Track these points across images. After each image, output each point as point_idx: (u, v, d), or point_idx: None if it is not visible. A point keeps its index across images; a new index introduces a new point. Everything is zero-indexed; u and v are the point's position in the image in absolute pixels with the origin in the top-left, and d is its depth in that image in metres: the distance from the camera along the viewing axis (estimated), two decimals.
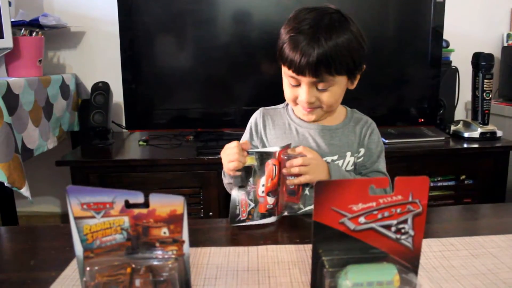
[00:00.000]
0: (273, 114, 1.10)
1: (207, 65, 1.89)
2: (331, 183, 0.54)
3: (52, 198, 2.33)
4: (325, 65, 0.90)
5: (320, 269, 0.56)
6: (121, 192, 0.55)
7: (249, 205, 0.88)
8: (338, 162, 1.03)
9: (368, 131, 1.08)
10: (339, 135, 1.05)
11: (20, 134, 1.56)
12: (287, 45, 0.93)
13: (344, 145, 1.04)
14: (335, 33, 0.91)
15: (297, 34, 0.92)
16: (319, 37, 0.90)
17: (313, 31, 0.91)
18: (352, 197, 0.54)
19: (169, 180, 1.75)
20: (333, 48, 0.90)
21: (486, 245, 0.78)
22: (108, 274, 0.55)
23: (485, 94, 1.92)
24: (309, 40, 0.90)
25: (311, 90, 0.95)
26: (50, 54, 2.21)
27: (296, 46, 0.91)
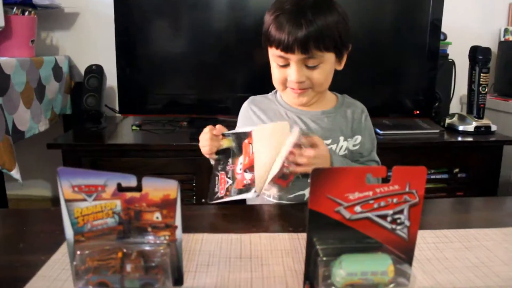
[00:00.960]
0: (262, 101, 1.09)
1: (203, 51, 1.87)
2: (328, 170, 0.53)
3: (42, 182, 2.31)
4: (314, 40, 0.90)
5: (314, 258, 0.56)
6: (114, 175, 0.53)
7: (227, 182, 0.89)
8: (331, 146, 1.03)
9: (362, 117, 1.08)
10: (331, 119, 1.05)
11: (11, 115, 1.54)
12: (273, 25, 0.93)
13: (336, 129, 1.04)
14: (321, 10, 0.92)
15: (283, 13, 0.92)
16: (306, 13, 0.90)
17: (298, 8, 0.92)
18: (348, 185, 0.53)
19: (162, 166, 1.74)
20: (321, 24, 0.90)
21: (479, 238, 0.77)
22: (99, 259, 0.54)
23: (481, 88, 1.92)
24: (295, 17, 0.90)
25: (300, 68, 0.95)
26: (43, 34, 2.17)
27: (283, 23, 0.91)
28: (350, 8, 1.82)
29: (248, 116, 1.08)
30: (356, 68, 1.89)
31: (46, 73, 1.83)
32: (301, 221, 0.83)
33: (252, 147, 0.89)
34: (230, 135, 0.93)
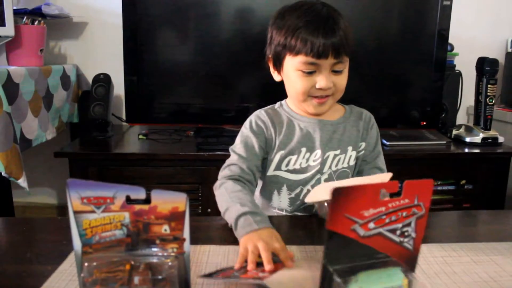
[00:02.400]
0: (274, 113, 1.07)
1: (210, 60, 1.88)
2: (348, 189, 0.52)
3: (49, 190, 2.31)
4: (344, 45, 0.93)
5: (329, 280, 0.55)
6: (123, 187, 0.53)
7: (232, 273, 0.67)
8: (340, 156, 1.02)
9: (369, 125, 1.08)
10: (340, 129, 1.04)
11: (19, 124, 1.55)
12: (297, 36, 0.93)
13: (346, 139, 1.04)
14: (338, 16, 0.96)
15: (305, 25, 0.93)
16: (332, 18, 0.94)
17: (320, 18, 0.94)
18: (364, 202, 0.53)
19: (168, 176, 1.74)
20: (345, 29, 0.94)
21: (488, 252, 0.77)
22: (107, 271, 0.54)
23: (488, 99, 1.91)
24: (324, 24, 0.93)
25: (329, 74, 0.96)
26: (52, 44, 2.19)
27: (314, 31, 0.92)
28: (357, 20, 1.86)
29: (266, 129, 1.04)
30: (363, 79, 1.90)
31: (54, 82, 1.85)
32: (308, 233, 0.83)
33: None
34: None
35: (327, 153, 1.01)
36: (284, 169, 1.02)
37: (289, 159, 1.02)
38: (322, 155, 1.01)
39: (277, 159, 1.03)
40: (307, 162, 1.01)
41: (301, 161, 1.02)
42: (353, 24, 1.00)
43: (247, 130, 1.04)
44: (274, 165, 1.03)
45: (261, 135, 1.03)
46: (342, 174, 1.03)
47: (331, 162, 1.02)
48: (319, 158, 1.01)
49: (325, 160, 1.01)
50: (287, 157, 1.02)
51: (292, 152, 1.02)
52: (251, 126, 1.04)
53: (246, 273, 0.65)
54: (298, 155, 1.01)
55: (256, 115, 1.07)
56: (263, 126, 1.04)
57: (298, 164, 1.02)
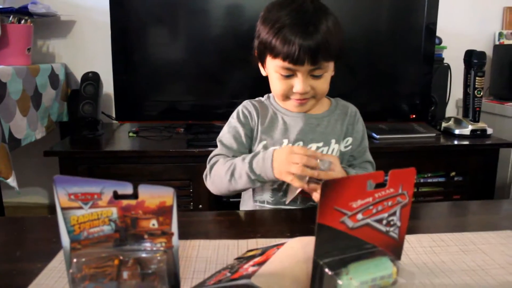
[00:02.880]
0: (260, 105, 1.09)
1: (199, 57, 1.88)
2: (336, 182, 0.52)
3: (40, 189, 2.30)
4: (322, 51, 0.92)
5: (320, 273, 0.55)
6: (110, 182, 0.53)
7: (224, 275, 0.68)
8: (323, 149, 1.03)
9: (354, 120, 1.09)
10: (324, 122, 1.05)
11: (7, 123, 1.54)
12: (278, 37, 0.92)
13: (329, 132, 1.05)
14: (323, 18, 0.93)
15: (287, 26, 0.92)
16: (312, 23, 0.91)
17: (301, 20, 0.92)
18: (352, 194, 0.53)
19: (159, 172, 1.74)
20: (327, 33, 0.92)
21: (476, 242, 0.78)
22: (95, 266, 0.54)
23: (476, 91, 1.93)
24: (302, 29, 0.91)
25: (306, 79, 0.96)
26: (40, 43, 2.17)
27: (291, 36, 0.91)
28: (345, 14, 1.86)
29: (251, 118, 1.07)
30: (352, 73, 1.90)
31: (43, 81, 1.83)
32: (298, 226, 0.84)
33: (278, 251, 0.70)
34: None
35: (310, 145, 1.03)
36: None
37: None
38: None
39: (259, 149, 1.04)
40: None
41: None
42: (341, 19, 0.99)
43: (234, 120, 1.07)
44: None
45: (247, 125, 1.06)
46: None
47: None
48: None
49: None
50: (269, 149, 1.02)
51: (274, 144, 1.03)
52: (238, 116, 1.08)
53: (238, 271, 0.64)
54: (280, 146, 1.03)
55: (243, 105, 1.10)
56: (249, 116, 1.07)
57: None
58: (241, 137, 1.04)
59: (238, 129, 1.05)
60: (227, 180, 0.97)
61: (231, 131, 1.06)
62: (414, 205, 0.59)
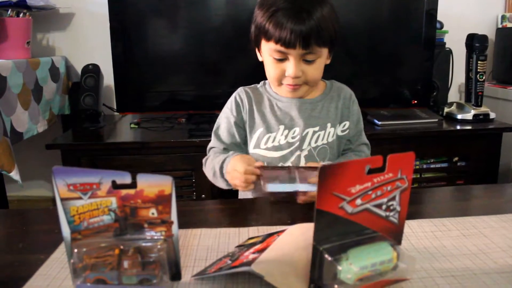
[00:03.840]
0: (254, 92, 1.10)
1: (199, 47, 1.87)
2: (334, 167, 0.52)
3: (43, 182, 2.31)
4: (315, 36, 0.92)
5: (320, 259, 0.55)
6: (108, 172, 0.54)
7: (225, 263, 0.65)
8: (319, 133, 1.04)
9: (349, 102, 1.09)
10: (319, 107, 1.06)
11: (9, 117, 1.54)
12: (271, 21, 0.94)
13: (324, 116, 1.06)
14: (317, 5, 0.94)
15: (281, 10, 0.93)
16: (305, 9, 0.92)
17: (296, 4, 0.93)
18: (351, 179, 0.53)
19: (161, 163, 1.74)
20: (320, 19, 0.92)
21: (477, 225, 0.77)
22: (96, 256, 0.54)
23: (478, 76, 1.91)
24: (296, 13, 0.91)
25: (298, 63, 0.96)
26: (39, 36, 2.17)
27: (283, 19, 0.92)
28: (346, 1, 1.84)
29: (243, 105, 1.08)
30: (353, 60, 1.89)
31: (43, 74, 1.83)
32: (298, 213, 0.84)
33: (278, 238, 0.68)
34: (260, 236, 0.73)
35: (306, 130, 1.04)
36: (263, 147, 1.05)
37: (268, 136, 1.05)
38: (301, 132, 1.04)
39: (256, 137, 1.06)
40: (285, 139, 1.04)
41: (280, 138, 1.04)
42: (342, 5, 0.99)
43: (227, 110, 1.10)
44: (253, 143, 1.06)
45: (239, 114, 1.08)
46: (322, 150, 1.05)
47: (310, 139, 1.04)
48: (297, 135, 1.04)
49: (304, 137, 1.04)
50: (266, 135, 1.05)
51: (270, 130, 1.05)
52: (231, 106, 1.10)
53: (239, 258, 0.64)
54: (276, 132, 1.04)
55: (236, 93, 1.11)
56: (241, 104, 1.08)
57: (277, 141, 1.04)
58: (232, 127, 1.07)
59: (230, 120, 1.08)
60: (212, 177, 1.03)
61: (224, 122, 1.09)
62: (416, 190, 0.59)
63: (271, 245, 0.64)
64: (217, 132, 1.09)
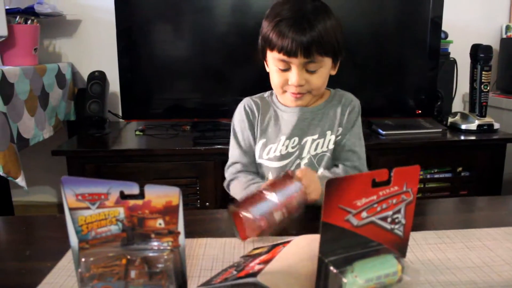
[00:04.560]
0: (261, 103, 1.12)
1: (205, 54, 1.88)
2: (340, 180, 0.52)
3: (48, 188, 2.32)
4: (316, 45, 0.94)
5: (325, 271, 0.55)
6: (116, 183, 0.54)
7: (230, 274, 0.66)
8: (318, 141, 1.06)
9: (347, 109, 1.08)
10: (319, 115, 1.08)
11: (16, 124, 1.55)
12: (274, 30, 0.96)
13: (324, 124, 1.07)
14: (321, 16, 0.96)
15: (284, 19, 0.95)
16: (308, 19, 0.94)
17: (299, 15, 0.95)
18: (356, 192, 0.54)
19: (166, 171, 1.75)
20: (322, 29, 0.94)
21: (481, 238, 0.78)
22: (104, 265, 0.55)
23: (483, 86, 1.92)
24: (298, 22, 0.94)
25: (301, 72, 0.98)
26: (46, 42, 2.19)
27: (285, 29, 0.94)
28: (350, 9, 1.85)
29: (253, 116, 1.11)
30: (357, 69, 1.90)
31: (50, 81, 1.85)
32: (303, 224, 0.84)
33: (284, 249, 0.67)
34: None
35: (305, 139, 1.06)
36: (265, 157, 1.07)
37: (270, 148, 1.07)
38: (299, 141, 1.06)
39: (259, 147, 1.08)
40: (286, 149, 1.06)
41: (281, 148, 1.06)
42: (346, 14, 1.01)
43: (238, 122, 1.12)
44: (257, 153, 1.09)
45: (249, 123, 1.10)
46: (322, 157, 1.06)
47: (310, 147, 1.05)
48: (297, 145, 1.06)
49: (303, 146, 1.06)
50: (267, 146, 1.07)
51: (272, 141, 1.07)
52: (241, 116, 1.12)
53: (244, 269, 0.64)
54: (278, 143, 1.06)
55: (245, 103, 1.13)
56: (251, 114, 1.11)
57: (278, 151, 1.06)
58: (249, 138, 1.10)
59: (246, 131, 1.10)
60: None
61: (241, 135, 1.10)
62: (420, 201, 0.59)
63: (277, 256, 0.64)
64: (239, 143, 1.10)
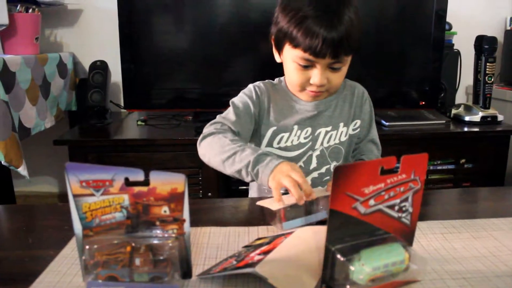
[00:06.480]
0: (272, 89, 1.08)
1: (207, 44, 1.87)
2: (348, 167, 0.52)
3: (50, 178, 2.32)
4: (345, 45, 0.90)
5: (332, 259, 0.55)
6: (121, 169, 0.54)
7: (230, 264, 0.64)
8: (331, 133, 1.04)
9: (362, 101, 1.08)
10: (332, 106, 1.06)
11: (17, 113, 1.54)
12: (300, 28, 0.90)
13: (337, 116, 1.05)
14: (345, 8, 0.91)
15: (310, 17, 0.89)
16: (336, 14, 0.89)
17: (325, 10, 0.89)
18: (364, 180, 0.53)
19: (168, 160, 1.75)
20: (349, 25, 0.90)
21: (487, 228, 0.77)
22: (108, 253, 0.54)
23: (487, 77, 1.91)
24: (327, 18, 0.88)
25: (324, 71, 0.94)
26: (47, 32, 2.17)
27: (313, 28, 0.88)
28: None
29: (263, 98, 1.05)
30: (361, 60, 1.88)
31: (51, 70, 1.84)
32: None
33: (285, 240, 0.67)
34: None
35: (318, 130, 1.03)
36: (276, 146, 1.04)
37: (281, 136, 1.03)
38: (312, 132, 1.03)
39: (269, 135, 1.04)
40: (298, 140, 1.03)
41: (293, 139, 1.03)
42: None
43: (247, 98, 1.04)
44: (266, 141, 1.05)
45: (257, 105, 1.04)
46: (334, 150, 1.04)
47: (323, 139, 1.04)
48: (309, 135, 1.03)
49: (316, 137, 1.03)
50: (279, 135, 1.03)
51: (284, 130, 1.03)
52: (251, 93, 1.05)
53: (244, 259, 0.63)
54: (290, 133, 1.03)
55: (256, 85, 1.07)
56: (261, 94, 1.05)
57: (290, 141, 1.03)
58: (251, 114, 1.02)
59: (250, 107, 1.03)
60: (222, 158, 0.89)
61: (242, 107, 1.02)
62: (424, 192, 0.59)
63: (277, 247, 0.64)
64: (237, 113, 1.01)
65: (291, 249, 0.64)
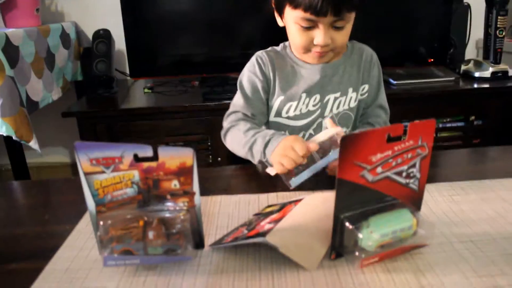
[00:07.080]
0: (276, 56, 1.05)
1: (211, 8, 1.84)
2: (356, 136, 0.52)
3: (61, 149, 2.35)
4: (346, 2, 0.87)
5: (341, 227, 0.56)
6: (130, 146, 0.54)
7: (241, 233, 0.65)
8: (340, 99, 1.02)
9: (370, 65, 1.06)
10: (340, 71, 1.03)
11: (24, 87, 1.55)
12: None
13: (345, 81, 1.03)
14: None
15: None
16: None
17: None
18: (371, 148, 0.53)
19: (176, 128, 1.75)
20: None
21: (495, 189, 0.77)
22: (121, 228, 0.56)
23: (498, 31, 1.86)
24: None
25: (327, 31, 0.91)
26: (47, 2, 2.14)
27: None
28: None
29: (266, 69, 1.04)
30: (368, 17, 1.84)
31: (54, 41, 1.82)
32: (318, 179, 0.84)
33: (294, 208, 0.68)
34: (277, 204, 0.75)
35: (327, 97, 1.02)
36: (285, 115, 1.03)
37: (289, 105, 1.02)
38: (321, 99, 1.02)
39: (277, 105, 1.03)
40: (307, 108, 1.02)
41: (301, 107, 1.02)
42: None
43: (252, 74, 1.04)
44: (274, 111, 1.04)
45: (263, 77, 1.03)
46: (344, 116, 1.03)
47: (332, 105, 1.02)
48: (318, 102, 1.02)
49: (325, 104, 1.02)
50: (287, 104, 1.02)
51: (292, 98, 1.02)
52: (254, 68, 1.04)
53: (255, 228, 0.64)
54: (298, 101, 1.02)
55: (258, 56, 1.06)
56: (264, 67, 1.03)
57: (298, 110, 1.02)
58: (259, 91, 1.02)
59: (256, 84, 1.02)
60: (245, 152, 0.93)
61: (248, 86, 1.03)
62: (433, 153, 0.59)
63: (287, 216, 0.65)
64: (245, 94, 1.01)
65: (301, 217, 0.65)
